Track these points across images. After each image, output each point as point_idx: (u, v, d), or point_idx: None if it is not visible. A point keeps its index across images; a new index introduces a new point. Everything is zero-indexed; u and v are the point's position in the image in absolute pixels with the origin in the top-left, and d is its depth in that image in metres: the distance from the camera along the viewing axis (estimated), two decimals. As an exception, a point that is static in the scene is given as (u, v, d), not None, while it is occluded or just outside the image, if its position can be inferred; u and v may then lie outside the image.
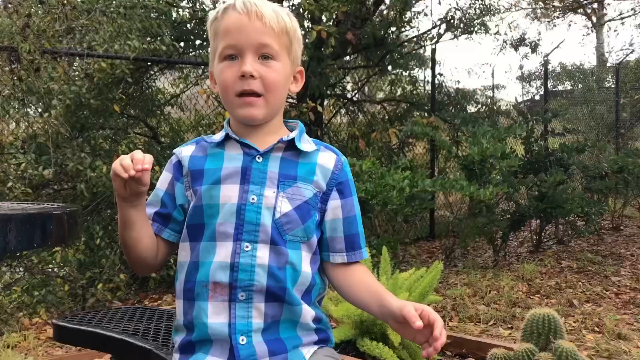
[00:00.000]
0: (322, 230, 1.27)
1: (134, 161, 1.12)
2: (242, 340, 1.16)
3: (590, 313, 3.85)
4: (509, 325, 3.66)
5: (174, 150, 1.31)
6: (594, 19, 19.64)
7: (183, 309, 1.21)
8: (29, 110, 4.72)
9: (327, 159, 1.27)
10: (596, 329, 3.54)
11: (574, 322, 3.68)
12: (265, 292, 1.17)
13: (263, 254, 1.17)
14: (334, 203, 1.26)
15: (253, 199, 1.18)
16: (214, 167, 1.22)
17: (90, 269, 4.36)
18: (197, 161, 1.24)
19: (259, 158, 1.21)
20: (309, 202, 1.22)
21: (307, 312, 1.22)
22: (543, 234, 6.20)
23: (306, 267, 1.22)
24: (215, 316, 1.17)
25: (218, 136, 1.27)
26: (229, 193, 1.19)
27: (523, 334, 2.21)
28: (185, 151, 1.28)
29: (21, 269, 4.61)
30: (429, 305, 3.77)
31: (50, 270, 4.58)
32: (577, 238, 6.55)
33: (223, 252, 1.17)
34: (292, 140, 1.24)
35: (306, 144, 1.27)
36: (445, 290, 4.40)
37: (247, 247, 1.17)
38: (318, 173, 1.25)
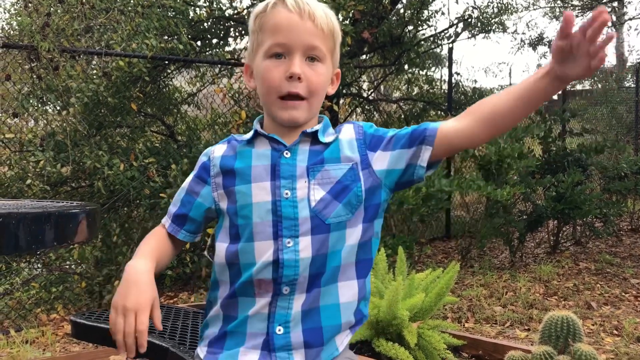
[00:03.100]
0: (396, 169, 1.20)
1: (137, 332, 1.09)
2: (279, 330, 1.15)
3: (608, 316, 3.80)
4: (526, 327, 3.62)
5: (206, 150, 1.29)
6: (614, 17, 19.40)
7: (223, 304, 1.20)
8: (47, 108, 4.77)
9: (346, 132, 1.25)
10: (615, 332, 3.50)
11: (592, 324, 3.63)
12: (307, 281, 1.16)
13: (305, 245, 1.15)
14: (377, 155, 1.21)
15: (287, 193, 1.17)
16: (244, 166, 1.21)
17: (107, 266, 4.39)
18: (228, 161, 1.23)
19: (286, 153, 1.20)
20: (341, 181, 1.18)
21: (348, 290, 1.20)
22: (560, 235, 6.13)
23: (352, 240, 1.18)
24: (256, 310, 1.17)
25: (248, 135, 1.26)
26: (261, 191, 1.17)
27: (541, 336, 2.18)
28: (217, 151, 1.27)
29: (39, 265, 4.67)
30: (444, 306, 3.72)
31: (67, 267, 4.63)
32: (595, 239, 6.47)
33: (265, 252, 1.16)
34: (317, 132, 1.23)
35: (328, 136, 1.24)
36: (461, 290, 4.37)
37: (288, 242, 1.15)
38: (344, 148, 1.21)
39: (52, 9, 4.24)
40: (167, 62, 5.28)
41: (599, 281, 4.78)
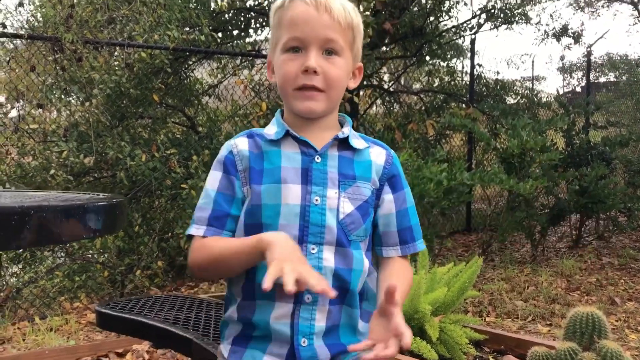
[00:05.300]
0: (375, 224, 1.25)
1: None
2: (304, 342, 1.15)
3: (633, 312, 3.74)
4: (548, 322, 3.59)
5: (227, 146, 1.24)
6: (637, 13, 18.99)
7: (239, 305, 1.19)
8: (71, 99, 4.81)
9: (378, 154, 1.26)
10: (639, 328, 3.45)
11: (616, 320, 3.59)
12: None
13: (329, 255, 1.15)
14: (387, 197, 1.25)
15: (317, 200, 1.16)
16: (273, 166, 1.18)
17: (129, 255, 4.44)
18: (255, 158, 1.20)
19: (317, 158, 1.19)
20: (368, 201, 1.21)
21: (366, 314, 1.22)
22: (583, 229, 6.06)
23: (367, 264, 1.22)
24: (278, 316, 1.15)
25: (271, 131, 1.23)
26: (291, 194, 1.16)
27: (565, 332, 2.15)
28: (240, 145, 1.22)
29: (62, 255, 4.73)
30: (465, 300, 3.69)
31: (90, 256, 4.69)
32: (618, 234, 6.38)
33: None
34: (347, 138, 1.23)
35: (357, 140, 1.25)
36: (482, 284, 4.34)
37: (313, 249, 1.15)
38: (374, 171, 1.23)
39: (75, 0, 4.27)
40: (188, 53, 5.30)
41: (623, 276, 4.71)
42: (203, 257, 1.17)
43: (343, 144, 1.23)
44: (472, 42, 7.12)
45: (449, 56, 7.58)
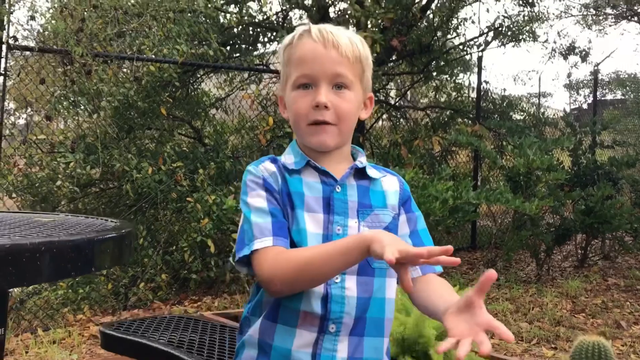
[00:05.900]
0: None
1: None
2: None
3: (639, 336, 3.71)
4: (553, 345, 3.56)
5: (256, 169, 1.22)
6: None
7: (261, 327, 1.19)
8: (79, 110, 4.84)
9: (391, 182, 1.29)
10: (645, 353, 3.42)
11: (622, 345, 3.56)
12: (352, 324, 1.15)
13: (351, 285, 1.16)
14: (401, 219, 1.26)
15: (339, 229, 1.17)
16: (297, 191, 1.20)
17: (133, 267, 4.43)
18: (282, 183, 1.21)
19: (338, 188, 1.21)
20: (389, 227, 1.21)
21: (385, 344, 1.21)
22: (588, 248, 6.03)
23: (391, 294, 1.21)
24: (300, 345, 1.15)
25: (290, 160, 1.24)
26: (315, 222, 1.17)
27: (571, 360, 2.14)
28: (270, 167, 1.22)
29: (67, 265, 4.73)
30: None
31: (94, 267, 4.68)
32: (624, 254, 6.35)
33: None
34: (364, 168, 1.25)
35: (371, 169, 1.27)
36: (487, 304, 4.28)
37: (336, 278, 1.15)
38: (389, 197, 1.25)
39: (86, 14, 4.30)
40: (196, 67, 5.32)
41: (629, 298, 4.68)
42: (288, 265, 1.10)
43: (359, 173, 1.25)
44: (480, 59, 7.14)
45: (456, 72, 7.60)
